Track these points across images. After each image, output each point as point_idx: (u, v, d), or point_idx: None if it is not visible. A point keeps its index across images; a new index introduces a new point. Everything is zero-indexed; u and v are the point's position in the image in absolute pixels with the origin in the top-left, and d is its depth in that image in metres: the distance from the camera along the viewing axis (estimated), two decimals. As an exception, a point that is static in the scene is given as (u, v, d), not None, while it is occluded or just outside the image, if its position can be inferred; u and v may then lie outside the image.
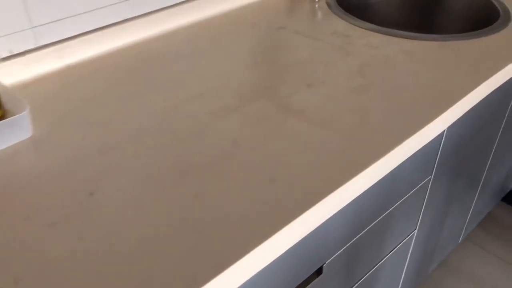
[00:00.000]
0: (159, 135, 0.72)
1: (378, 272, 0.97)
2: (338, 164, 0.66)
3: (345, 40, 0.98)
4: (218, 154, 0.68)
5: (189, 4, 1.03)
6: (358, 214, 0.76)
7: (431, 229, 1.13)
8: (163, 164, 0.66)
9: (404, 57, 0.92)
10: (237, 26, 1.04)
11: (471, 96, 0.83)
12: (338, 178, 0.63)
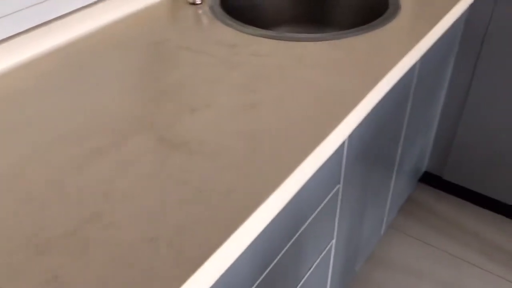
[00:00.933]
0: (2, 200, 0.59)
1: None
2: (231, 203, 0.58)
3: (230, 51, 0.89)
4: (83, 216, 0.57)
5: (48, 26, 0.90)
6: (264, 248, 0.69)
7: (350, 233, 1.09)
8: (11, 242, 0.54)
9: (296, 64, 0.85)
10: (108, 46, 0.92)
11: (368, 98, 0.79)
12: (232, 221, 0.55)
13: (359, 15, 1.18)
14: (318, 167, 0.71)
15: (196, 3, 1.06)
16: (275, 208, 0.61)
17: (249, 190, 0.60)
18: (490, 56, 1.29)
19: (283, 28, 1.25)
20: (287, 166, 0.64)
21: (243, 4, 1.16)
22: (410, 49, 0.89)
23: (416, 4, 1.05)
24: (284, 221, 0.72)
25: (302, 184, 0.69)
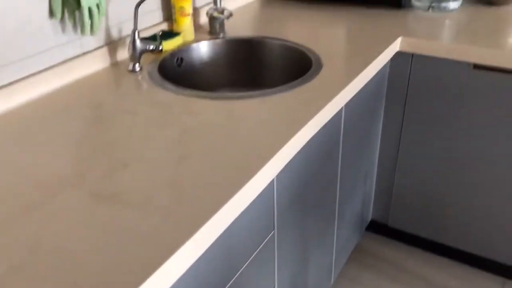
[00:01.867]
0: None
1: None
2: (150, 249, 0.61)
3: (165, 111, 0.96)
4: (8, 266, 0.58)
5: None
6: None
7: (295, 281, 1.12)
8: None
9: (225, 120, 0.92)
10: (51, 111, 0.96)
11: (291, 144, 0.85)
12: (149, 265, 0.58)
13: (288, 74, 1.28)
14: (242, 210, 0.76)
15: (135, 70, 1.14)
16: (194, 252, 0.65)
17: (169, 235, 0.63)
18: (415, 106, 1.40)
19: (220, 91, 1.34)
20: (210, 210, 0.68)
21: (180, 70, 1.25)
22: (330, 100, 0.98)
23: (336, 62, 1.16)
24: (217, 265, 0.75)
25: (227, 227, 0.73)
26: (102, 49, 1.15)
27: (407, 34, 1.32)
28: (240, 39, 1.33)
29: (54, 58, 1.06)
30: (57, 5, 1.01)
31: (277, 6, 1.61)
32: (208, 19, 1.35)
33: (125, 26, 1.21)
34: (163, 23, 1.32)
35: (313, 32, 1.36)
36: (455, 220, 1.50)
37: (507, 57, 1.21)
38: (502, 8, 1.50)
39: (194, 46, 1.29)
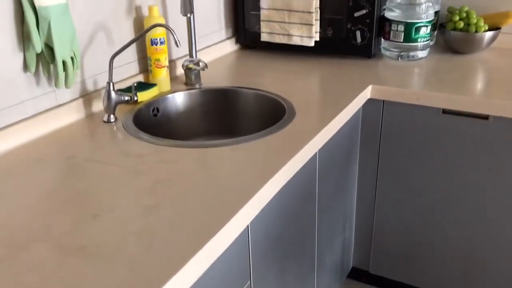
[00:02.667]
0: None
1: None
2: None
3: (138, 160, 0.96)
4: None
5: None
6: None
7: (275, 332, 1.09)
8: None
9: (198, 168, 0.92)
10: (24, 162, 0.95)
11: (264, 191, 0.85)
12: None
13: (262, 123, 1.30)
14: (214, 260, 0.74)
15: (110, 121, 1.14)
16: (168, 301, 0.63)
17: (142, 284, 0.62)
18: (389, 150, 1.43)
19: (196, 140, 1.35)
20: (179, 261, 0.67)
21: (156, 120, 1.26)
22: (303, 147, 0.99)
23: (309, 110, 1.18)
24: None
25: (199, 278, 0.71)
26: (77, 101, 1.16)
27: (377, 82, 1.37)
28: (215, 89, 1.36)
29: (27, 111, 1.06)
30: (32, 59, 1.02)
31: (252, 57, 1.65)
32: (184, 70, 1.37)
33: (100, 78, 1.23)
34: (139, 74, 1.34)
35: (287, 81, 1.40)
36: (436, 265, 1.50)
37: (473, 103, 1.25)
38: (467, 56, 1.57)
39: (170, 97, 1.31)
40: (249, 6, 1.66)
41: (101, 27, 1.20)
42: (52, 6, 0.98)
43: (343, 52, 1.59)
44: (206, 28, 1.60)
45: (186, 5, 1.28)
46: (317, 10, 1.52)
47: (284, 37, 1.60)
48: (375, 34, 1.52)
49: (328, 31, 1.57)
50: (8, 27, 0.98)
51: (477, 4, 1.64)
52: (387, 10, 1.52)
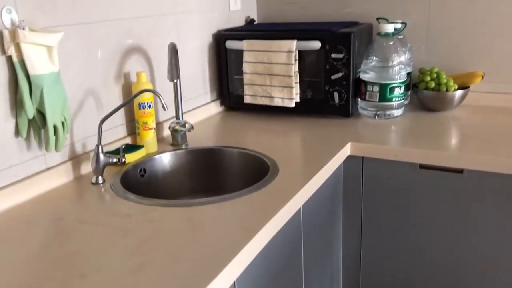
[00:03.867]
0: None
1: None
2: None
3: (126, 220, 0.98)
4: None
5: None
6: None
7: None
8: None
9: (184, 226, 0.95)
10: (13, 224, 0.97)
11: (251, 246, 0.88)
12: None
13: (247, 180, 1.34)
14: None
15: (98, 183, 1.17)
16: None
17: None
18: (372, 204, 1.47)
19: (183, 199, 1.37)
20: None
21: (143, 180, 1.29)
22: (286, 202, 1.03)
23: (292, 167, 1.23)
24: None
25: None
26: (66, 164, 1.19)
27: (356, 140, 1.43)
28: (201, 149, 1.40)
29: (18, 175, 1.09)
30: (23, 124, 1.06)
31: (236, 118, 1.72)
32: (171, 132, 1.43)
33: (89, 141, 1.27)
34: (127, 137, 1.39)
35: (270, 140, 1.46)
36: (424, 319, 1.50)
37: (448, 158, 1.31)
38: (440, 113, 1.66)
39: (157, 158, 1.35)
40: (233, 71, 1.75)
41: (91, 92, 1.26)
42: (45, 74, 1.04)
43: (322, 112, 1.67)
44: (192, 92, 1.68)
45: (173, 71, 1.36)
46: (296, 74, 1.61)
47: (266, 99, 1.68)
48: (352, 95, 1.61)
49: (308, 92, 1.66)
50: (2, 95, 1.03)
51: (446, 65, 1.75)
52: (362, 72, 1.62)
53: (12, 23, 1.03)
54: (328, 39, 1.57)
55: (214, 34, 1.77)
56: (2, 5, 1.01)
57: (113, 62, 1.32)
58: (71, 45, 1.18)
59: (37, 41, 1.02)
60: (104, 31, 1.28)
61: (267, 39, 1.63)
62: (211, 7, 1.73)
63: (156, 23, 1.47)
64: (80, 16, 1.20)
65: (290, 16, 1.98)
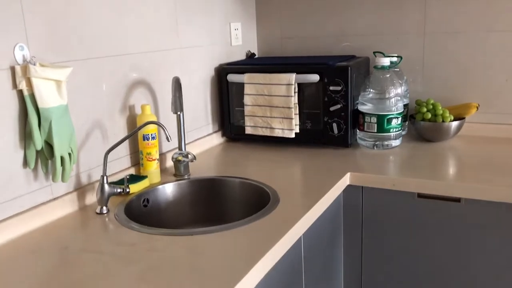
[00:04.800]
0: None
1: None
2: None
3: (129, 249, 1.00)
4: None
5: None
6: None
7: None
8: None
9: (187, 254, 0.97)
10: (20, 253, 0.99)
11: (249, 277, 0.89)
12: None
13: (248, 209, 1.37)
14: None
15: (103, 213, 1.20)
16: None
17: None
18: (371, 232, 1.48)
19: (186, 228, 1.39)
20: None
21: (146, 210, 1.32)
22: (287, 231, 1.05)
23: (292, 196, 1.26)
24: None
25: None
26: (71, 194, 1.22)
27: (355, 169, 1.46)
28: (203, 179, 1.43)
29: (24, 205, 1.11)
30: (31, 155, 1.10)
31: (238, 149, 1.76)
32: (174, 162, 1.46)
33: (94, 172, 1.30)
34: (131, 167, 1.42)
35: (271, 170, 1.49)
36: None
37: (445, 187, 1.34)
38: (437, 144, 1.69)
39: (160, 188, 1.37)
40: (234, 103, 1.79)
41: (97, 124, 1.30)
42: (54, 107, 1.08)
43: (322, 143, 1.70)
44: (194, 123, 1.72)
45: (177, 104, 1.40)
46: (296, 105, 1.66)
47: (267, 130, 1.72)
48: (351, 126, 1.65)
49: (307, 123, 1.70)
50: (12, 127, 1.07)
51: (442, 97, 1.80)
52: (360, 104, 1.67)
53: (24, 59, 1.08)
54: (326, 72, 1.63)
55: (216, 67, 1.83)
56: (15, 42, 1.06)
57: (118, 95, 1.37)
58: (78, 79, 1.23)
59: (47, 75, 1.06)
60: (110, 65, 1.33)
61: (267, 72, 1.69)
62: (213, 42, 1.80)
63: (160, 58, 1.53)
64: (88, 52, 1.26)
65: (289, 50, 2.05)
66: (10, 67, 1.06)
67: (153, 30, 1.49)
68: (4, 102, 1.05)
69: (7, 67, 1.05)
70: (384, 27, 1.87)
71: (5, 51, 1.04)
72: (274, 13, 2.06)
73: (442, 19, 1.78)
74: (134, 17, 1.40)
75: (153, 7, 1.48)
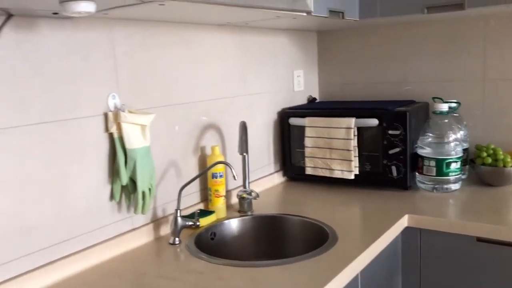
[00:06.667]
0: None
1: None
2: None
3: (198, 277, 1.11)
4: None
5: (54, 264, 1.12)
6: None
7: None
8: None
9: (249, 285, 1.06)
10: (101, 278, 1.12)
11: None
12: None
13: (307, 246, 1.43)
14: None
15: (175, 243, 1.32)
16: None
17: None
18: (430, 274, 1.49)
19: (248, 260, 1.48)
20: None
21: (213, 242, 1.43)
22: (344, 268, 1.11)
23: (350, 236, 1.32)
24: None
25: None
26: (148, 225, 1.36)
27: (414, 212, 1.49)
28: (265, 216, 1.53)
29: (109, 233, 1.26)
30: (117, 190, 1.25)
31: (298, 188, 1.84)
32: (238, 199, 1.57)
33: (168, 205, 1.44)
34: (200, 203, 1.55)
35: (330, 210, 1.56)
36: None
37: (506, 232, 1.34)
38: (497, 188, 1.69)
39: (226, 222, 1.49)
40: (295, 145, 1.90)
41: (172, 163, 1.45)
42: (138, 148, 1.24)
43: (381, 185, 1.75)
44: (257, 163, 1.84)
45: (243, 146, 1.53)
46: (355, 148, 1.74)
47: (327, 171, 1.80)
48: (410, 169, 1.69)
49: (366, 166, 1.76)
50: (102, 164, 1.24)
51: (503, 142, 1.80)
52: (419, 147, 1.71)
53: (115, 106, 1.25)
54: (385, 117, 1.70)
55: (279, 111, 1.95)
56: (108, 92, 1.24)
57: (191, 137, 1.52)
58: (158, 123, 1.39)
59: (134, 121, 1.23)
60: (184, 111, 1.49)
61: (327, 116, 1.78)
62: (277, 89, 1.93)
63: (228, 104, 1.67)
64: (167, 100, 1.42)
65: (349, 95, 2.14)
66: (104, 113, 1.23)
67: (222, 79, 1.64)
68: (97, 143, 1.22)
69: (101, 113, 1.23)
70: (444, 74, 1.92)
71: (100, 100, 1.22)
72: (335, 60, 2.17)
73: (502, 66, 1.81)
74: (206, 68, 1.57)
75: (223, 59, 1.64)
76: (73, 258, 1.16)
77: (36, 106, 1.08)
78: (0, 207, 1.03)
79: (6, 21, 1.00)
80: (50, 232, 1.13)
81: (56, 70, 1.12)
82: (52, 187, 1.13)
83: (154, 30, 1.37)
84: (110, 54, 1.24)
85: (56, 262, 1.13)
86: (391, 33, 2.02)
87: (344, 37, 2.14)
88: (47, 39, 1.10)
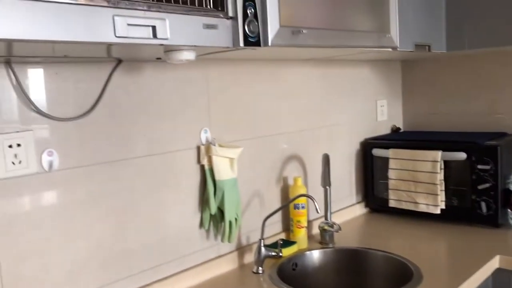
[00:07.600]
0: None
1: None
2: None
3: (283, 309, 1.14)
4: None
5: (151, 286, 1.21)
6: None
7: None
8: None
9: (333, 320, 1.07)
10: (191, 303, 1.20)
11: None
12: None
13: (390, 284, 1.41)
14: None
15: (258, 272, 1.36)
16: None
17: None
18: (525, 325, 1.40)
19: (330, 294, 1.49)
20: None
21: (295, 273, 1.45)
22: (430, 311, 1.09)
23: (436, 275, 1.28)
24: None
25: None
26: (233, 253, 1.42)
27: (506, 252, 1.42)
28: (347, 249, 1.53)
29: (197, 260, 1.34)
30: (206, 218, 1.33)
31: (380, 221, 1.82)
32: (320, 231, 1.59)
33: (252, 234, 1.49)
34: (282, 232, 1.58)
35: (414, 246, 1.52)
36: None
37: None
38: None
39: (308, 253, 1.51)
40: (378, 176, 1.88)
41: (256, 194, 1.50)
42: (227, 179, 1.31)
43: (469, 221, 1.68)
44: (339, 193, 1.84)
45: (326, 179, 1.55)
46: (441, 181, 1.69)
47: (411, 204, 1.76)
48: (501, 205, 1.61)
49: (453, 200, 1.70)
50: (194, 194, 1.32)
51: None
52: (511, 183, 1.62)
53: (206, 140, 1.33)
54: (473, 151, 1.64)
55: (362, 142, 1.95)
56: (200, 127, 1.33)
57: (274, 169, 1.57)
58: (244, 155, 1.46)
59: (224, 154, 1.30)
60: (268, 143, 1.55)
61: (412, 148, 1.75)
62: (359, 119, 1.94)
63: (310, 135, 1.71)
64: (252, 132, 1.49)
65: (435, 125, 2.09)
66: (196, 146, 1.32)
67: (305, 110, 1.68)
68: (190, 174, 1.31)
69: (195, 147, 1.32)
70: (540, 104, 1.82)
71: (194, 134, 1.32)
72: (420, 89, 2.13)
73: None
74: (289, 101, 1.62)
75: (306, 92, 1.69)
76: (164, 282, 1.25)
77: (140, 140, 1.19)
78: (106, 230, 1.13)
79: (116, 67, 1.13)
80: (146, 255, 1.22)
81: (157, 108, 1.23)
82: (151, 214, 1.22)
83: (244, 67, 1.45)
84: (204, 90, 1.33)
85: (150, 285, 1.22)
86: (480, 62, 1.95)
87: (429, 66, 2.09)
88: (150, 80, 1.21)
